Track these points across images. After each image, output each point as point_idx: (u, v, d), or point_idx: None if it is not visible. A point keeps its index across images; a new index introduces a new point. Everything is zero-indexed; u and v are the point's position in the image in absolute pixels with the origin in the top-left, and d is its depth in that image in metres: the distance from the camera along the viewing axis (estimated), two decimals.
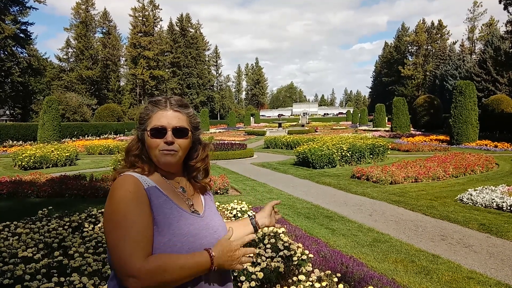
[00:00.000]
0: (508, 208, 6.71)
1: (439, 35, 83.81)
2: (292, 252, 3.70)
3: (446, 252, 4.91)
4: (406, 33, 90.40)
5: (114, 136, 36.55)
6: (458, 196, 7.79)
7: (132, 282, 1.18)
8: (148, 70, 69.73)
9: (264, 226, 1.69)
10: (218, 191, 8.81)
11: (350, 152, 13.66)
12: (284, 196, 8.66)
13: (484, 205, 7.10)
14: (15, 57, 40.58)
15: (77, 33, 63.94)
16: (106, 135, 36.28)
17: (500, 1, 29.79)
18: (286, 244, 3.87)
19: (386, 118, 40.94)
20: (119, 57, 73.09)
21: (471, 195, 7.56)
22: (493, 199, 7.08)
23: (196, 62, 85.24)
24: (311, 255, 3.85)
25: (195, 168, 1.49)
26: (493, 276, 4.13)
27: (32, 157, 14.51)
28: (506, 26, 32.07)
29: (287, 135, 27.16)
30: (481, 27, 72.45)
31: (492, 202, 7.03)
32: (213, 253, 1.28)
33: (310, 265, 3.59)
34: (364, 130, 37.34)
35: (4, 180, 9.70)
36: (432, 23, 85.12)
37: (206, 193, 1.55)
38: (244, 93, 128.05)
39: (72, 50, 65.86)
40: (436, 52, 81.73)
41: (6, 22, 39.04)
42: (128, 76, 72.33)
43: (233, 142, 20.91)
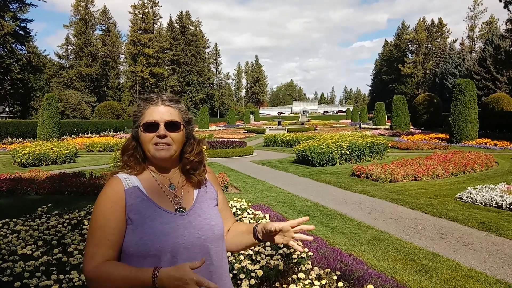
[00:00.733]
0: (508, 206, 6.71)
1: (439, 33, 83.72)
2: (292, 250, 3.70)
3: (445, 250, 4.91)
4: (406, 31, 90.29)
5: (114, 133, 36.53)
6: (458, 194, 7.79)
7: (87, 283, 1.33)
8: (147, 68, 69.65)
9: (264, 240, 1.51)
10: None
11: (349, 150, 13.65)
12: (284, 194, 8.66)
13: (483, 203, 7.10)
14: (14, 54, 40.46)
15: (77, 30, 63.84)
16: (106, 133, 36.27)
17: (500, 0, 29.73)
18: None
19: (386, 116, 40.96)
20: (118, 54, 73.08)
21: (470, 193, 7.56)
22: (493, 197, 7.08)
23: (195, 60, 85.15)
24: (310, 253, 3.85)
25: (189, 161, 1.49)
26: (493, 274, 4.13)
27: (31, 154, 14.50)
28: (506, 25, 32.01)
29: (286, 133, 27.14)
30: (481, 25, 72.38)
31: (492, 201, 7.03)
32: (158, 274, 1.20)
33: (310, 263, 3.58)
34: (364, 128, 37.33)
35: (3, 177, 9.68)
36: (432, 21, 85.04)
37: (202, 188, 1.51)
38: (243, 91, 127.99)
39: (71, 47, 65.79)
40: (436, 51, 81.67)
41: (6, 19, 38.93)
42: (128, 74, 72.26)
43: (233, 140, 20.89)
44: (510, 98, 35.18)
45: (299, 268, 3.44)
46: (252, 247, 1.60)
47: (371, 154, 14.27)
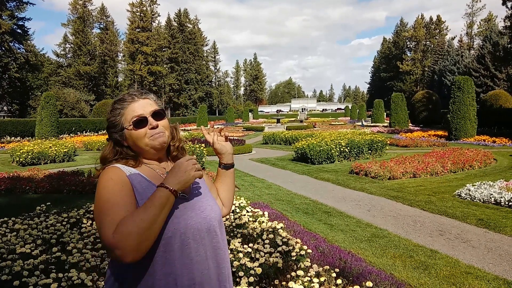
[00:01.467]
0: (506, 203, 6.72)
1: (438, 30, 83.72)
2: (291, 248, 3.71)
3: (444, 247, 4.92)
4: (404, 29, 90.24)
5: None
6: (456, 191, 7.81)
7: (118, 254, 1.17)
8: (146, 66, 69.50)
9: (224, 159, 1.67)
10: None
11: (348, 148, 13.66)
12: (283, 191, 8.67)
13: (482, 200, 7.12)
14: (12, 52, 40.35)
15: (75, 28, 63.58)
16: (104, 131, 36.08)
17: None
18: (285, 240, 3.88)
19: (385, 113, 40.94)
20: (117, 52, 72.84)
21: (469, 190, 7.57)
22: (491, 194, 7.10)
23: (194, 58, 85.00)
24: (309, 251, 3.85)
25: (175, 147, 1.55)
26: (491, 271, 4.14)
27: (30, 153, 14.48)
28: (504, 22, 32.02)
29: (285, 131, 27.14)
30: (480, 22, 72.36)
31: (490, 197, 7.05)
32: (163, 182, 1.29)
33: (309, 260, 3.59)
34: (360, 125, 37.33)
35: (2, 176, 9.66)
36: (431, 19, 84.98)
37: None
38: (242, 89, 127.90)
39: (69, 46, 65.52)
40: (434, 48, 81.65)
41: (3, 17, 38.83)
42: (126, 72, 72.10)
43: (232, 138, 20.90)
44: (508, 95, 35.19)
45: (298, 266, 3.45)
46: (230, 181, 1.69)
47: (369, 151, 14.28)
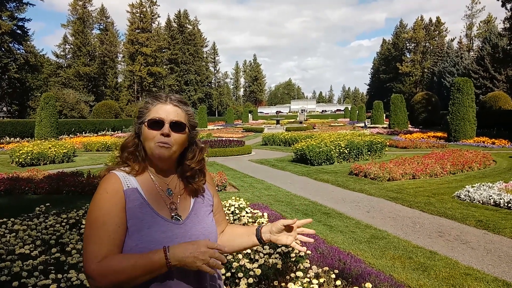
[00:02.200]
0: (506, 204, 6.73)
1: (437, 32, 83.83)
2: (290, 249, 3.70)
3: (443, 248, 4.92)
4: (404, 30, 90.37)
5: (112, 132, 36.46)
6: (456, 192, 7.81)
7: (90, 282, 1.24)
8: (145, 67, 69.54)
9: (269, 242, 1.55)
10: (216, 188, 8.78)
11: (348, 149, 13.67)
12: (282, 192, 8.67)
13: (481, 201, 7.12)
14: (12, 53, 40.38)
15: (74, 29, 63.62)
16: (104, 132, 36.20)
17: None
18: None
19: (384, 115, 40.99)
20: (116, 53, 72.91)
21: (468, 191, 7.57)
22: (491, 195, 7.10)
23: (194, 59, 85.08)
24: (308, 252, 3.85)
25: (190, 168, 1.46)
26: (490, 272, 4.14)
27: (29, 154, 14.47)
28: (504, 23, 32.04)
29: (285, 132, 27.13)
30: (479, 24, 72.55)
31: (490, 199, 7.05)
32: (169, 249, 1.22)
33: (308, 261, 3.58)
34: (362, 127, 37.37)
35: (1, 177, 9.65)
36: (430, 20, 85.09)
37: (199, 195, 1.49)
38: (242, 90, 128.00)
39: (69, 47, 65.54)
40: (434, 49, 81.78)
41: (3, 18, 38.86)
42: (126, 73, 72.13)
43: (231, 139, 20.89)
44: (507, 96, 35.25)
45: (298, 267, 3.44)
46: (248, 249, 1.61)
47: (369, 152, 14.29)
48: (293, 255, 3.62)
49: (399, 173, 9.82)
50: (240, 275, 3.17)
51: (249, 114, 65.48)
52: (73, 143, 19.39)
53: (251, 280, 3.11)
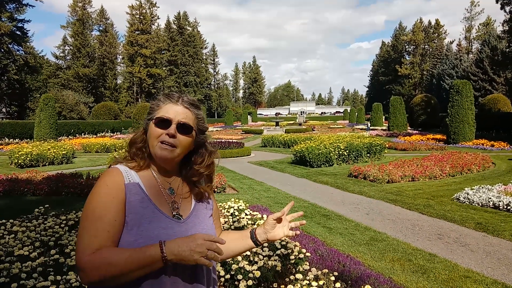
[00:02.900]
0: (505, 207, 6.73)
1: (436, 34, 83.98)
2: (289, 251, 3.70)
3: (442, 251, 4.92)
4: (403, 32, 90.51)
5: (111, 134, 36.42)
6: (455, 195, 7.81)
7: (81, 276, 1.19)
8: (145, 68, 69.50)
9: (265, 242, 1.54)
10: (215, 189, 8.80)
11: (347, 151, 13.68)
12: (282, 194, 8.66)
13: (480, 204, 7.12)
14: (11, 54, 40.37)
15: (74, 30, 63.61)
16: (103, 133, 36.19)
17: (497, 1, 29.81)
18: (283, 243, 3.87)
19: (383, 117, 41.01)
20: (116, 55, 72.91)
21: (467, 194, 7.58)
22: (490, 198, 7.11)
23: (193, 61, 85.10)
24: (308, 254, 3.85)
25: (198, 173, 1.45)
26: (490, 275, 4.14)
27: (28, 155, 14.45)
28: (502, 26, 32.14)
29: (284, 133, 27.16)
30: (478, 26, 72.78)
31: (489, 201, 7.05)
32: (165, 243, 1.19)
33: (307, 264, 3.58)
34: (361, 129, 37.41)
35: (0, 178, 9.64)
36: (430, 23, 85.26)
37: (203, 200, 1.48)
38: (241, 91, 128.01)
39: (69, 48, 65.51)
40: (433, 52, 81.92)
41: (2, 19, 38.86)
42: (125, 74, 72.08)
43: (231, 140, 20.89)
44: (506, 99, 35.33)
45: (297, 269, 3.44)
46: (244, 253, 1.59)
47: (368, 155, 14.29)
48: (292, 257, 3.62)
49: (399, 175, 9.82)
50: (239, 277, 3.17)
51: (249, 116, 65.45)
52: (72, 144, 19.39)
53: (250, 282, 3.11)
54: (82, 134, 33.76)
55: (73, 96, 46.32)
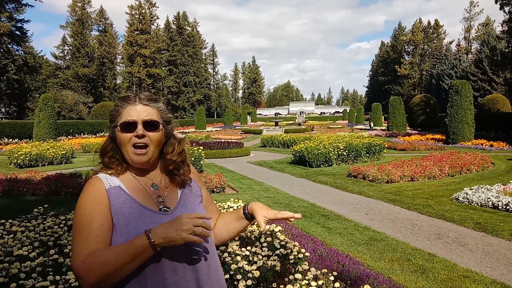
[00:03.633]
0: (504, 207, 6.74)
1: (436, 34, 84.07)
2: (289, 251, 3.71)
3: (442, 250, 4.92)
4: (402, 33, 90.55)
5: None
6: (454, 195, 7.82)
7: (80, 282, 1.23)
8: (144, 68, 69.51)
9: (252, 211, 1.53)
10: (215, 189, 8.81)
11: (346, 151, 13.68)
12: (281, 194, 8.67)
13: (479, 204, 7.13)
14: (10, 54, 40.33)
15: (73, 30, 63.54)
16: (102, 133, 36.16)
17: (496, 1, 29.87)
18: (283, 243, 3.87)
19: (383, 117, 41.06)
20: (115, 55, 72.83)
21: (467, 194, 7.59)
22: (489, 198, 7.11)
23: (193, 61, 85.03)
24: (307, 254, 3.85)
25: (171, 161, 1.45)
26: (489, 274, 4.15)
27: (27, 155, 14.44)
28: (502, 26, 32.18)
29: (283, 133, 27.16)
30: (478, 26, 72.84)
31: (488, 201, 7.06)
32: (151, 230, 1.22)
33: (307, 263, 3.59)
34: (360, 129, 37.43)
35: None
36: (429, 23, 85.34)
37: (186, 187, 1.49)
38: (241, 91, 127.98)
39: (68, 48, 65.45)
40: (432, 52, 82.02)
41: (2, 19, 38.80)
42: (125, 74, 72.08)
43: (230, 140, 20.89)
44: (506, 99, 35.39)
45: (296, 269, 3.44)
46: (244, 231, 1.58)
47: (367, 155, 14.30)
48: (291, 257, 3.62)
49: (398, 175, 9.83)
50: (238, 277, 3.17)
51: (248, 116, 65.48)
52: (72, 144, 19.37)
53: (249, 282, 3.11)
54: (82, 134, 33.73)
55: (72, 96, 46.29)
